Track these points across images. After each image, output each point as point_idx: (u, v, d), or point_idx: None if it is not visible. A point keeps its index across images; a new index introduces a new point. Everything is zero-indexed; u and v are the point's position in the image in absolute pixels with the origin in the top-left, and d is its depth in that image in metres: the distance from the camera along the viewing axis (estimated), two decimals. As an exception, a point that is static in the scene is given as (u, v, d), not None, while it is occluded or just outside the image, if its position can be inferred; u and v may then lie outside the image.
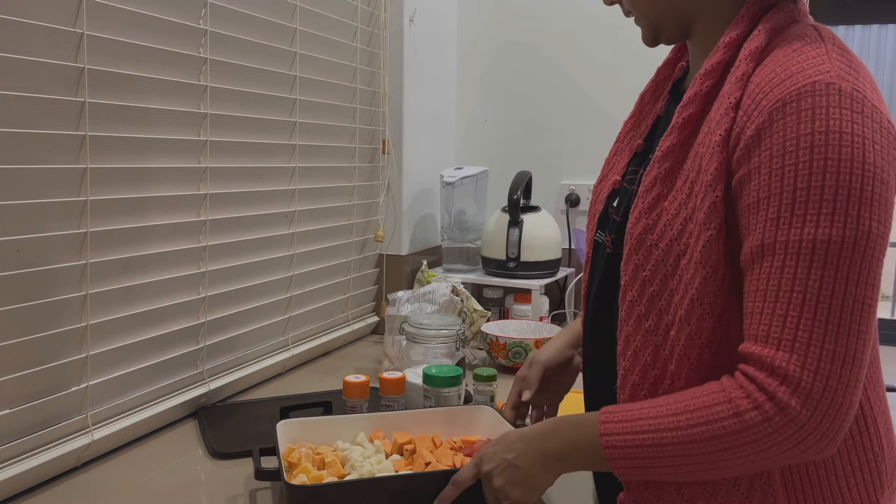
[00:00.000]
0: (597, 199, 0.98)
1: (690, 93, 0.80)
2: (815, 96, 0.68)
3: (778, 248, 0.69)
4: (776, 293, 0.69)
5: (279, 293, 1.50)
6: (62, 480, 1.02)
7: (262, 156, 1.42)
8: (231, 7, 1.29)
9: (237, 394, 1.39)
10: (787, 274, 0.68)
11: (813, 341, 0.67)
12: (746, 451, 0.70)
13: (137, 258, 1.14)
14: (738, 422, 0.69)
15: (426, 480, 0.89)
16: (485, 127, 2.14)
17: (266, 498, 0.98)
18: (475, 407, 1.10)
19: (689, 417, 0.72)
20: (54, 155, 1.00)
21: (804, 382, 0.67)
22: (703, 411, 0.71)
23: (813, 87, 0.68)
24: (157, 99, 1.16)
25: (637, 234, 0.81)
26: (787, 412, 0.67)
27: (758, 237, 0.70)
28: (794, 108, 0.68)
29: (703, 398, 0.72)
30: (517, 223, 1.81)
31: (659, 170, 0.81)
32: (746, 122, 0.72)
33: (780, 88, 0.70)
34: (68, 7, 1.00)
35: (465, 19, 2.12)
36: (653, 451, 0.73)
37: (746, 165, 0.71)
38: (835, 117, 0.67)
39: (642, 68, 1.95)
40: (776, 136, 0.69)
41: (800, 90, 0.69)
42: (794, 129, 0.68)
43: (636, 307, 0.81)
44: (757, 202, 0.71)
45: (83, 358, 1.06)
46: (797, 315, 0.68)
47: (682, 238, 0.77)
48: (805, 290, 0.68)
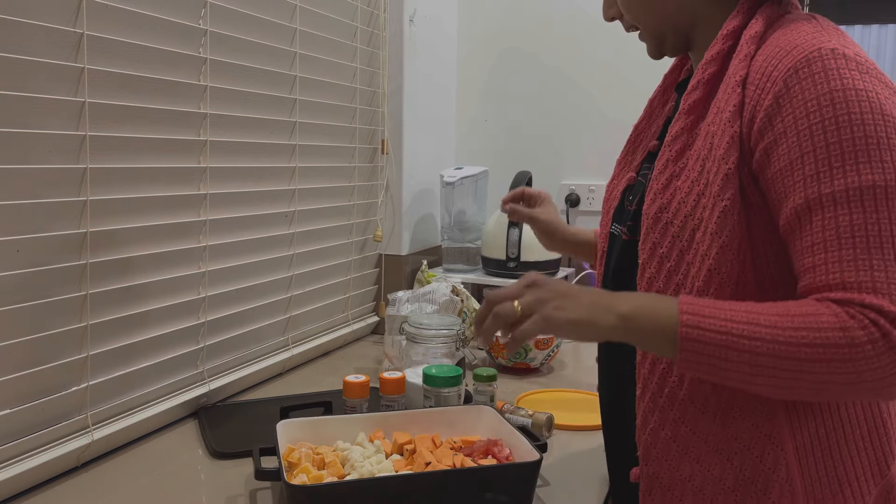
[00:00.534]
0: (611, 196, 1.02)
1: (694, 80, 0.84)
2: (823, 60, 0.72)
3: (825, 200, 0.71)
4: (838, 242, 0.70)
5: (279, 293, 1.50)
6: (62, 480, 1.02)
7: (261, 156, 1.42)
8: (231, 7, 1.29)
9: (237, 394, 1.39)
10: (842, 222, 0.70)
11: (891, 278, 0.68)
12: (843, 369, 0.68)
13: (137, 258, 1.14)
14: (844, 336, 0.68)
15: (426, 480, 0.89)
16: (485, 127, 2.14)
17: (266, 498, 0.98)
18: (475, 407, 1.10)
19: (792, 321, 0.70)
20: (54, 155, 1.00)
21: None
22: (809, 318, 0.70)
23: (819, 53, 0.73)
24: (157, 99, 1.16)
25: (653, 214, 0.83)
26: (891, 340, 0.67)
27: (800, 196, 0.72)
28: (807, 72, 0.72)
29: (806, 307, 0.71)
30: (517, 223, 1.81)
31: (670, 152, 0.84)
32: (760, 94, 0.75)
33: (789, 58, 0.74)
34: (68, 7, 1.00)
35: (465, 19, 2.12)
36: (736, 354, 0.71)
37: (770, 132, 0.74)
38: (846, 77, 0.71)
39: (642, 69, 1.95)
40: (796, 99, 0.72)
41: (808, 56, 0.73)
42: (812, 90, 0.72)
43: (654, 283, 0.83)
44: (790, 164, 0.73)
45: (83, 358, 1.06)
46: (867, 258, 0.69)
47: (696, 213, 0.79)
48: (866, 234, 0.69)
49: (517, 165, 2.03)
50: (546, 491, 1.01)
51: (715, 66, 0.83)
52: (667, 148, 0.85)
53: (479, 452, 0.97)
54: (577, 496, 1.01)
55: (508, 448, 0.98)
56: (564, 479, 1.05)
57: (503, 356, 1.54)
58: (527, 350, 1.52)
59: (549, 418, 1.19)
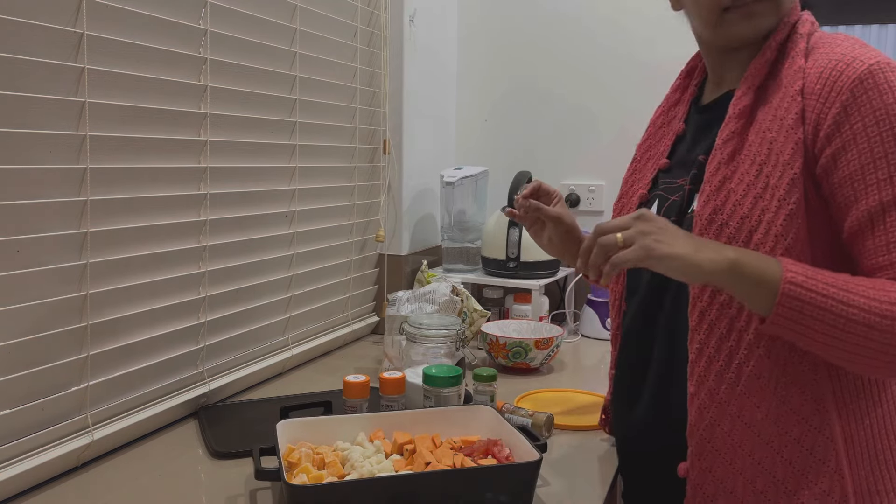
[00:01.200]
0: (621, 212, 1.07)
1: (743, 88, 0.90)
2: (885, 73, 0.79)
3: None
4: None
5: (279, 293, 1.50)
6: (62, 480, 1.02)
7: (262, 156, 1.42)
8: (231, 7, 1.29)
9: (237, 394, 1.40)
10: None
11: None
12: None
13: (137, 258, 1.14)
14: None
15: (426, 480, 0.89)
16: (485, 127, 2.14)
17: (266, 498, 0.98)
18: (475, 407, 1.10)
19: (889, 296, 0.76)
20: (54, 155, 1.00)
21: None
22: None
23: (879, 66, 0.80)
24: (157, 99, 1.16)
25: (707, 215, 0.87)
26: None
27: (874, 198, 0.78)
28: (872, 83, 0.79)
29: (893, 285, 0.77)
30: (517, 223, 1.81)
31: (722, 155, 0.89)
32: (824, 103, 0.81)
33: (851, 70, 0.80)
34: (68, 7, 1.00)
35: (465, 19, 2.12)
36: (835, 309, 0.76)
37: (839, 139, 0.80)
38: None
39: (642, 69, 1.96)
40: (864, 108, 0.79)
41: (870, 68, 0.79)
42: (879, 100, 0.78)
43: (708, 285, 0.87)
44: (861, 168, 0.79)
45: (83, 358, 1.06)
46: None
47: (754, 214, 0.83)
48: None
49: (517, 165, 2.03)
50: (546, 491, 1.01)
51: (762, 74, 0.89)
52: (718, 150, 0.89)
53: (479, 452, 0.97)
54: (577, 496, 1.01)
55: (508, 448, 0.98)
56: (564, 479, 1.05)
57: (503, 356, 1.54)
58: (527, 350, 1.52)
59: (549, 418, 1.19)
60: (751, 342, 0.85)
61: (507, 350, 1.52)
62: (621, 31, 1.97)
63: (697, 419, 0.90)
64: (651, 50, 1.94)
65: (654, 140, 1.08)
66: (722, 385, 0.87)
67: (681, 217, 0.94)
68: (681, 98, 1.08)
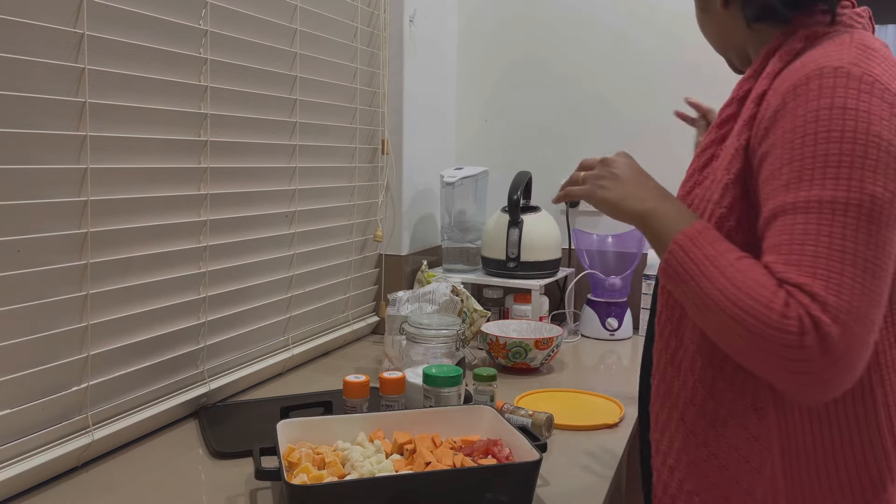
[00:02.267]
0: None
1: (730, 97, 0.88)
2: (822, 78, 0.75)
3: (787, 207, 0.74)
4: (789, 246, 0.73)
5: (279, 293, 1.50)
6: (62, 480, 1.02)
7: (262, 156, 1.42)
8: (231, 7, 1.29)
9: (237, 394, 1.40)
10: (798, 228, 0.73)
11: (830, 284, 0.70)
12: (754, 341, 0.72)
13: (138, 258, 1.14)
14: (763, 312, 0.71)
15: (426, 480, 0.89)
16: (485, 127, 2.14)
17: (266, 498, 0.98)
18: (475, 407, 1.10)
19: (739, 278, 0.74)
20: (54, 155, 1.00)
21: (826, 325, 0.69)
22: (752, 285, 0.73)
23: (821, 71, 0.75)
24: (157, 99, 1.16)
25: None
26: (805, 339, 0.69)
27: (772, 203, 0.76)
28: (804, 89, 0.76)
29: (761, 276, 0.74)
30: (517, 223, 1.81)
31: (698, 162, 0.90)
32: (766, 109, 0.79)
33: (795, 76, 0.77)
34: (68, 7, 1.00)
35: (465, 19, 2.12)
36: (696, 278, 0.78)
37: (766, 143, 0.78)
38: (840, 95, 0.74)
39: (642, 69, 1.96)
40: (788, 115, 0.76)
41: (809, 74, 0.76)
42: (804, 106, 0.75)
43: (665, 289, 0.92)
44: (772, 173, 0.77)
45: (83, 358, 1.06)
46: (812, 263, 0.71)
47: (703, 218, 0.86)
48: (816, 242, 0.72)
49: (517, 165, 2.04)
50: (546, 491, 1.01)
51: (749, 83, 0.87)
52: (696, 158, 0.90)
53: (479, 452, 0.98)
54: (577, 496, 1.01)
55: (508, 448, 0.98)
56: (564, 479, 1.05)
57: (503, 356, 1.54)
58: (527, 350, 1.52)
59: (549, 418, 1.19)
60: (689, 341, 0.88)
61: (507, 350, 1.52)
62: (622, 33, 1.97)
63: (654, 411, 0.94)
64: (652, 50, 1.94)
65: None
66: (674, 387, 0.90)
67: None
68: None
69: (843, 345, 0.69)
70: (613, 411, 1.32)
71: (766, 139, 0.78)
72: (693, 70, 1.89)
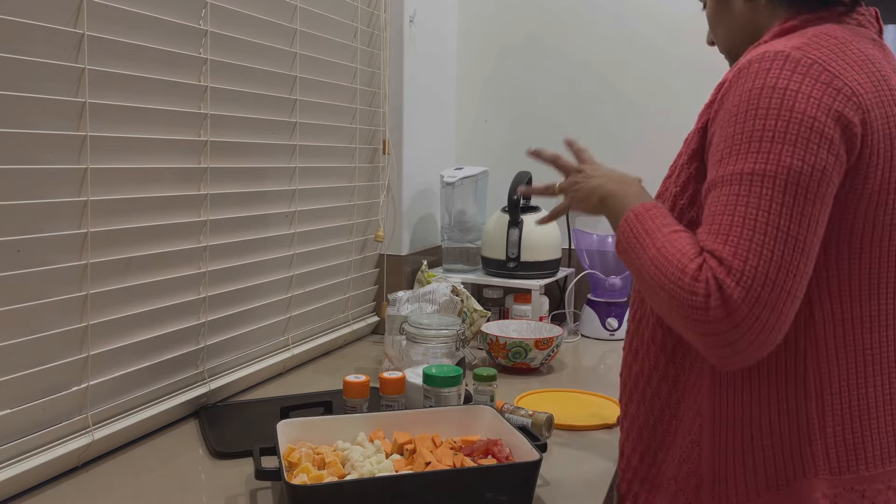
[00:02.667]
0: None
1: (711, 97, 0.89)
2: (761, 62, 0.79)
3: (716, 181, 0.79)
4: (712, 216, 0.78)
5: (279, 293, 1.50)
6: (62, 480, 1.02)
7: (262, 156, 1.42)
8: (231, 7, 1.29)
9: (237, 394, 1.40)
10: (721, 199, 0.78)
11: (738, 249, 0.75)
12: (672, 304, 0.78)
13: (138, 258, 1.14)
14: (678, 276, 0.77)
15: (426, 480, 0.89)
16: (485, 127, 2.14)
17: (266, 498, 0.98)
18: (475, 407, 1.10)
19: (667, 247, 0.80)
20: (54, 155, 1.00)
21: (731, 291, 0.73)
22: (676, 253, 0.79)
23: (762, 56, 0.79)
24: (157, 99, 1.16)
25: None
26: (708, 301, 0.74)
27: (708, 177, 0.81)
28: (745, 72, 0.80)
29: (685, 245, 0.79)
30: (517, 223, 1.81)
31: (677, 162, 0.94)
32: (717, 93, 0.85)
33: (742, 62, 0.81)
34: (68, 7, 1.00)
35: (466, 19, 2.12)
36: (635, 249, 0.85)
37: (713, 128, 0.83)
38: (772, 76, 0.77)
39: (642, 69, 1.96)
40: (730, 95, 0.80)
41: (752, 58, 0.80)
42: (739, 88, 0.79)
43: None
44: (712, 152, 0.82)
45: (83, 358, 1.06)
46: (727, 230, 0.76)
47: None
48: (734, 210, 0.76)
49: (517, 165, 2.03)
50: (546, 491, 1.01)
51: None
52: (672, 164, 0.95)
53: (479, 452, 0.98)
54: (577, 496, 1.01)
55: (508, 448, 0.98)
56: (564, 479, 1.05)
57: (503, 356, 1.54)
58: (527, 350, 1.52)
59: (549, 418, 1.19)
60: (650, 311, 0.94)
61: (507, 350, 1.52)
62: (623, 33, 1.97)
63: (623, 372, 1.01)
64: (655, 48, 1.94)
65: None
66: (633, 341, 0.97)
67: None
68: None
69: (747, 308, 0.73)
70: (613, 411, 1.32)
71: (715, 120, 0.83)
72: (695, 66, 1.89)
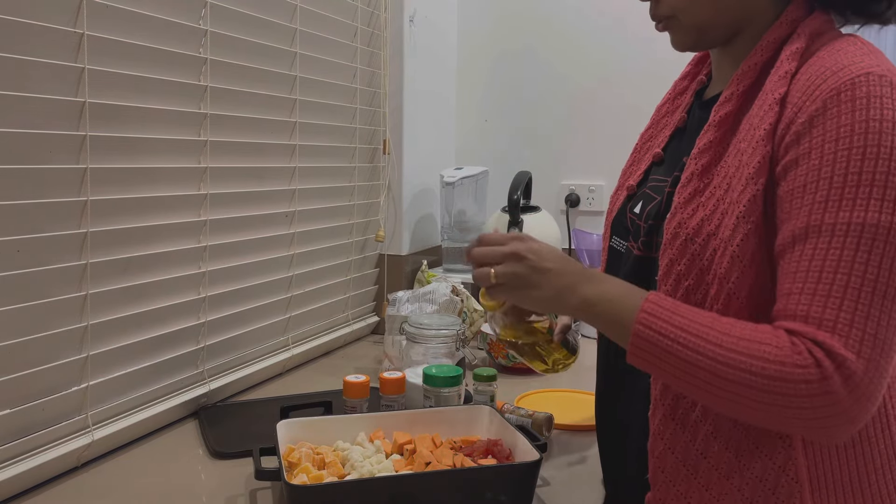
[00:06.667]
0: (611, 207, 1.00)
1: (728, 92, 0.81)
2: (869, 86, 0.69)
3: (824, 229, 0.69)
4: (818, 274, 0.68)
5: (279, 293, 1.50)
6: (62, 480, 1.02)
7: (262, 156, 1.42)
8: (231, 7, 1.29)
9: (237, 394, 1.39)
10: (831, 256, 0.68)
11: (856, 324, 0.67)
12: (772, 400, 0.69)
13: (137, 258, 1.14)
14: (779, 369, 0.68)
15: (426, 480, 0.89)
16: (485, 127, 2.14)
17: (266, 498, 0.98)
18: (475, 407, 1.10)
19: (738, 344, 0.70)
20: (54, 155, 1.00)
21: (848, 362, 0.67)
22: (754, 345, 0.70)
23: (867, 78, 0.70)
24: (157, 99, 1.16)
25: (672, 229, 0.81)
26: (829, 384, 0.67)
27: (803, 220, 0.70)
28: (849, 96, 0.70)
29: (759, 333, 0.71)
30: (517, 223, 1.81)
31: (696, 166, 0.82)
32: (796, 113, 0.73)
33: (834, 79, 0.71)
34: (68, 7, 1.00)
35: (466, 19, 2.12)
36: (681, 353, 0.72)
37: (795, 151, 0.72)
38: (889, 107, 0.69)
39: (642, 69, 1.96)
40: (830, 122, 0.70)
41: (853, 80, 0.70)
42: (849, 116, 0.69)
43: None
44: (804, 186, 0.71)
45: (83, 358, 1.06)
46: (840, 296, 0.68)
47: (720, 232, 0.77)
48: (850, 272, 0.67)
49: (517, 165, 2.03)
50: (546, 491, 1.01)
51: (750, 78, 0.81)
52: (693, 160, 0.83)
53: (479, 452, 0.97)
54: (577, 496, 1.01)
55: (508, 448, 0.98)
56: (564, 479, 1.05)
57: (503, 356, 1.54)
58: (527, 350, 1.51)
59: (549, 418, 1.19)
60: None
61: (508, 350, 1.52)
62: (623, 30, 1.97)
63: (652, 446, 0.83)
64: (653, 49, 1.94)
65: (656, 129, 1.00)
66: (678, 409, 0.81)
67: (659, 221, 0.87)
68: (688, 86, 1.00)
69: (868, 378, 0.67)
70: (613, 411, 1.32)
71: (797, 146, 0.72)
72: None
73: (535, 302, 0.83)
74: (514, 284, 0.83)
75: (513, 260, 0.83)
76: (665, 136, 0.97)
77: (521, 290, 0.83)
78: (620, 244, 0.95)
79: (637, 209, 0.93)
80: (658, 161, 0.95)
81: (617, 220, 0.96)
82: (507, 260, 0.84)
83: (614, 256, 0.96)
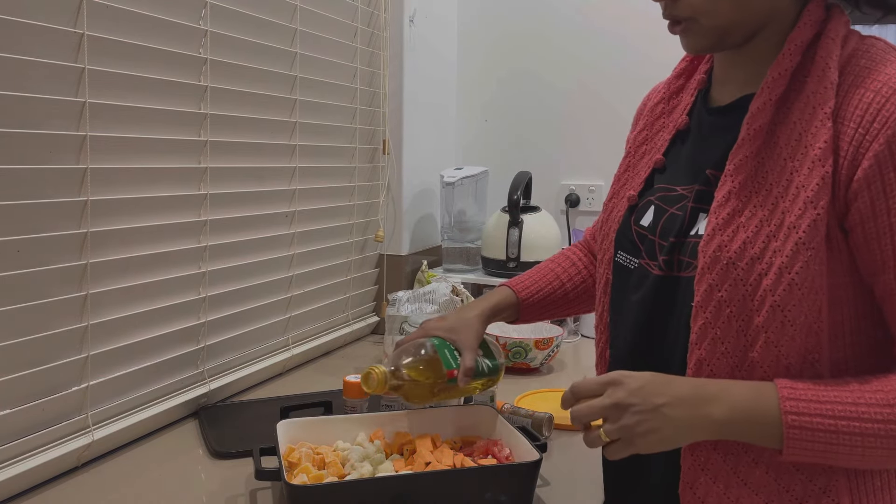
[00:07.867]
0: (609, 217, 0.94)
1: (759, 102, 0.77)
2: None
3: None
4: None
5: (279, 293, 1.50)
6: (62, 480, 1.02)
7: (262, 156, 1.42)
8: (231, 7, 1.29)
9: (237, 394, 1.39)
10: None
11: None
12: None
13: (137, 258, 1.14)
14: None
15: (426, 480, 0.89)
16: (485, 127, 2.14)
17: (266, 498, 0.98)
18: (475, 407, 1.10)
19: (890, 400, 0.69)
20: (54, 155, 1.00)
21: None
22: None
23: None
24: (157, 99, 1.16)
25: (711, 252, 0.76)
26: None
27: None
28: None
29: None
30: (517, 223, 1.81)
31: (733, 184, 0.77)
32: (865, 134, 0.70)
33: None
34: (68, 7, 1.00)
35: (465, 19, 2.12)
36: (847, 438, 0.70)
37: (879, 182, 0.69)
38: None
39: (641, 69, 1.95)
40: None
41: None
42: None
43: (710, 330, 0.76)
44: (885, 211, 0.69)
45: (83, 358, 1.06)
46: None
47: (766, 256, 0.73)
48: None
49: (517, 165, 2.03)
50: (546, 491, 1.01)
51: (782, 85, 0.76)
52: (728, 178, 0.78)
53: (479, 452, 0.97)
54: (577, 496, 1.01)
55: (508, 448, 0.98)
56: (564, 479, 1.05)
57: (503, 356, 1.54)
58: (527, 350, 1.51)
59: (549, 418, 1.19)
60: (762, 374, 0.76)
61: (507, 350, 1.52)
62: (623, 30, 1.97)
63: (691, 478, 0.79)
64: (653, 48, 1.94)
65: (651, 132, 0.94)
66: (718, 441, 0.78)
67: (682, 238, 0.81)
68: (684, 85, 0.93)
69: None
70: (613, 411, 1.32)
71: (878, 178, 0.69)
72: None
73: (662, 445, 0.74)
74: (629, 438, 0.73)
75: (617, 412, 0.74)
76: (665, 140, 0.91)
77: (641, 439, 0.73)
78: (629, 260, 0.89)
79: (645, 222, 0.87)
80: (660, 167, 0.90)
81: (621, 234, 0.90)
82: (610, 414, 0.74)
83: (623, 273, 0.90)
